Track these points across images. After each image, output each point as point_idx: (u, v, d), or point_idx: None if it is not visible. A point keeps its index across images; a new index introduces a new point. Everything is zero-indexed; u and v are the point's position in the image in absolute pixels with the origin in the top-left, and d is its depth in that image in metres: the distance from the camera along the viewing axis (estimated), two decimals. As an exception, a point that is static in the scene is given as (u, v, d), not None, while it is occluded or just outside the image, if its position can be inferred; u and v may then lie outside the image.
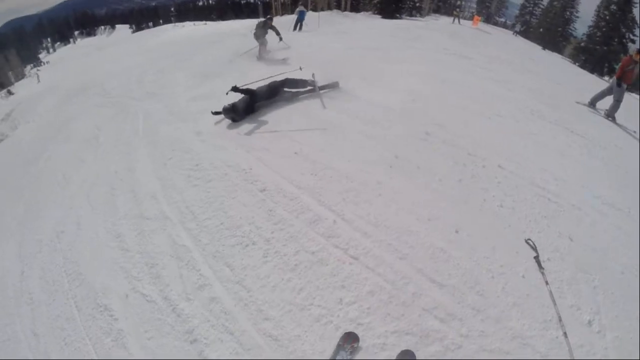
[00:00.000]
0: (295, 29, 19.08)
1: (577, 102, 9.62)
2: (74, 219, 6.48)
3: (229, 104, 7.32)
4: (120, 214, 5.98)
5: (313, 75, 8.33)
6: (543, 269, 4.07)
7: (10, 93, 38.73)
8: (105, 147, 8.71)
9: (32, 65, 44.50)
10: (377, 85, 8.25)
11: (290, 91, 8.04)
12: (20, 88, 39.28)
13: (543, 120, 7.43)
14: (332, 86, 8.48)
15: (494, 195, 5.03)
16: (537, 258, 4.18)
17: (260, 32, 12.61)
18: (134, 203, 6.06)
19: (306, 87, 8.22)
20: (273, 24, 12.60)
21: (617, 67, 10.29)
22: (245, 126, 7.17)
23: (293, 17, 20.21)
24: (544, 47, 31.11)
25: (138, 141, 8.15)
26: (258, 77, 7.78)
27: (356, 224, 4.52)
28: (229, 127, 7.26)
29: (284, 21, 31.99)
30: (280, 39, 12.22)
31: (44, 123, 16.74)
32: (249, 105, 7.43)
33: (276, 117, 7.41)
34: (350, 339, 3.42)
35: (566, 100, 9.50)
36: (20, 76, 42.23)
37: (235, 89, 7.12)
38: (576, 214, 4.98)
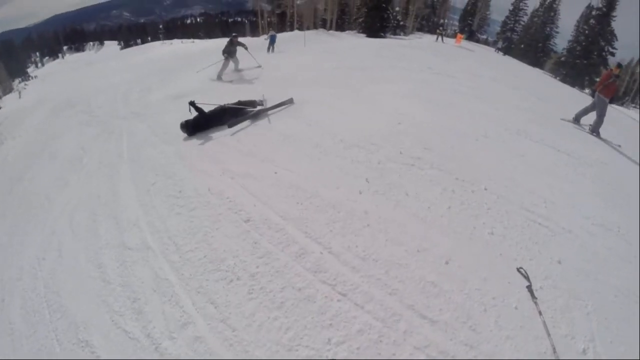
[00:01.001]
0: (268, 51, 20.57)
1: (562, 119, 9.64)
2: (55, 245, 6.32)
3: (184, 121, 8.17)
4: (102, 242, 5.82)
5: (263, 96, 9.25)
6: (536, 298, 3.96)
7: (-4, 107, 38.40)
8: (89, 169, 8.57)
9: (20, 79, 44.27)
10: (362, 106, 8.19)
11: (246, 111, 8.57)
12: (8, 102, 39.05)
13: (529, 139, 7.40)
14: (286, 103, 8.83)
15: (484, 223, 4.92)
16: (529, 287, 4.08)
17: (229, 50, 13.05)
18: (116, 231, 5.91)
19: (255, 107, 8.81)
20: (239, 40, 13.23)
21: (597, 80, 10.40)
22: (230, 150, 7.11)
23: (265, 40, 22.88)
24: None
25: (122, 163, 8.02)
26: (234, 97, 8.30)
27: (344, 258, 4.38)
28: (213, 151, 7.17)
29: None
30: (246, 47, 13.21)
31: (30, 140, 16.51)
32: (199, 124, 8.22)
33: (256, 139, 7.38)
34: None
35: (551, 117, 9.56)
36: (8, 90, 41.91)
37: (192, 103, 8.10)
38: (566, 237, 4.90)
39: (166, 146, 8.00)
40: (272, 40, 21.58)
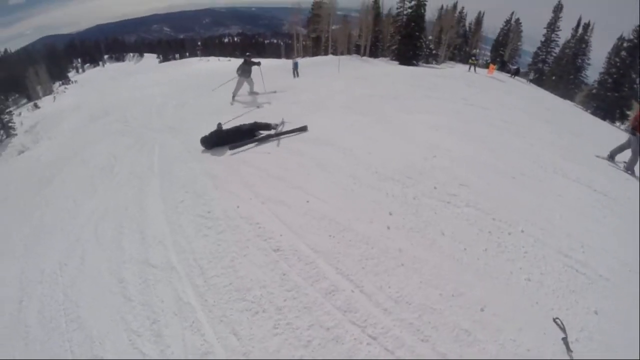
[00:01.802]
0: (294, 76, 21.98)
1: (597, 156, 9.28)
2: (79, 252, 6.30)
3: (204, 136, 8.67)
4: (125, 255, 5.74)
5: (282, 119, 9.38)
6: (571, 351, 3.67)
7: (36, 107, 39.78)
8: (119, 179, 8.64)
9: (60, 82, 45.90)
10: (396, 136, 8.01)
11: (261, 133, 8.79)
12: (47, 103, 40.41)
13: (565, 178, 7.08)
14: (299, 130, 8.84)
15: (520, 268, 4.62)
16: (565, 339, 3.78)
17: (244, 69, 13.04)
18: (141, 246, 5.82)
19: (270, 130, 8.92)
20: (252, 60, 13.17)
21: (629, 113, 10.03)
22: (260, 173, 6.98)
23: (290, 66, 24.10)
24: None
25: (152, 177, 8.02)
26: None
27: (376, 298, 4.15)
28: (244, 173, 7.06)
29: (304, 62, 32.65)
30: (259, 63, 13.16)
31: (64, 142, 17.00)
32: (215, 141, 8.60)
33: (288, 164, 7.25)
34: None
35: (586, 154, 9.17)
36: (48, 92, 43.49)
37: (219, 126, 8.82)
38: (603, 285, 4.57)
39: (197, 164, 7.96)
40: (296, 67, 23.44)
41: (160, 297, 4.75)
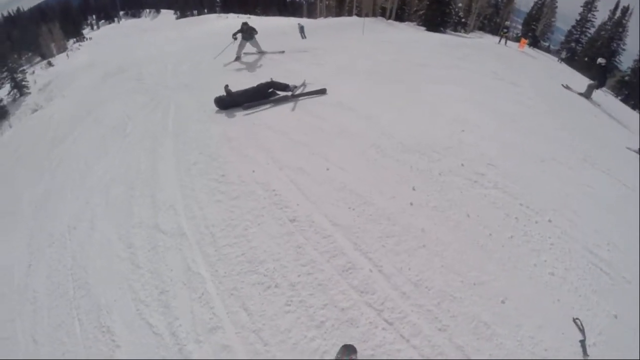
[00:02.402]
0: (302, 38, 22.00)
1: (628, 148, 8.76)
2: (88, 215, 6.16)
3: (217, 96, 8.28)
4: (135, 220, 5.56)
5: (304, 81, 8.89)
6: (588, 355, 3.46)
7: (50, 65, 39.57)
8: (132, 139, 8.39)
9: (74, 39, 45.41)
10: (423, 107, 7.53)
11: (278, 94, 8.50)
12: (61, 61, 40.15)
13: (595, 168, 6.62)
14: (318, 93, 8.44)
15: (545, 260, 4.30)
16: (582, 342, 3.55)
17: (245, 33, 12.41)
18: (152, 210, 5.61)
19: (288, 90, 8.51)
20: (252, 27, 12.48)
21: None
22: (280, 137, 6.63)
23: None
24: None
25: (166, 137, 7.73)
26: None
27: (395, 280, 3.89)
28: (262, 136, 6.72)
29: (327, 23, 31.64)
30: (257, 33, 12.52)
31: (77, 100, 16.78)
32: (229, 101, 8.24)
33: (309, 128, 6.86)
34: (348, 352, 3.22)
35: (617, 145, 8.65)
36: (62, 49, 43.12)
37: (226, 87, 8.30)
38: (625, 288, 4.27)
39: (213, 124, 7.63)
40: (302, 30, 23.11)
41: (170, 266, 4.57)
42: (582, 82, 16.33)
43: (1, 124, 29.55)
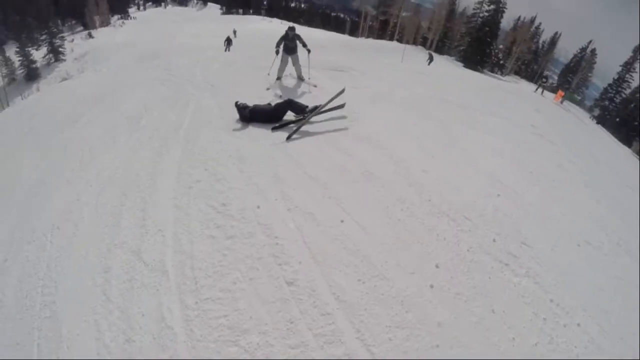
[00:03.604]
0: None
1: None
2: (75, 216, 5.70)
3: (242, 103, 7.80)
4: (119, 237, 5.01)
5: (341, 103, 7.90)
6: None
7: (90, 36, 40.06)
8: (142, 134, 7.94)
9: (119, 16, 46.01)
10: (457, 157, 6.79)
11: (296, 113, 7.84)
12: (102, 35, 40.58)
13: (629, 255, 5.80)
14: (337, 108, 7.82)
15: None
16: None
17: (286, 47, 10.03)
18: (138, 230, 5.04)
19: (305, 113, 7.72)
20: (299, 34, 10.00)
21: None
22: (295, 168, 5.96)
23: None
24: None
25: (175, 141, 7.20)
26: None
27: (397, 391, 3.16)
28: (276, 163, 6.06)
29: (368, 44, 31.16)
30: (309, 51, 9.93)
31: (105, 78, 16.68)
32: (246, 115, 7.71)
33: (329, 163, 6.17)
34: None
35: None
36: (105, 23, 43.70)
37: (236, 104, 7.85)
38: None
39: (228, 136, 7.09)
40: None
41: (142, 309, 3.94)
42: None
43: (30, 86, 29.77)
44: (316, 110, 7.59)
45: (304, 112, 7.69)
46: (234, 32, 34.74)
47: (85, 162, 7.39)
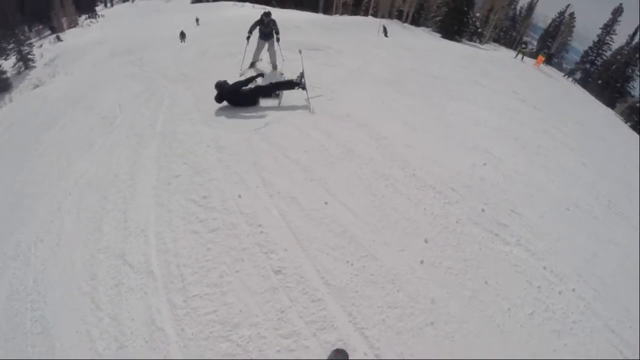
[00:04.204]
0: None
1: None
2: (57, 225, 5.55)
3: (222, 81, 7.60)
4: (102, 242, 4.86)
5: (302, 74, 7.75)
6: None
7: (59, 39, 39.08)
8: (118, 134, 7.69)
9: (87, 16, 44.88)
10: (441, 129, 6.74)
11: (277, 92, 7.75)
12: (70, 36, 39.60)
13: (620, 217, 5.92)
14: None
15: (566, 344, 3.56)
16: None
17: (261, 32, 9.52)
18: (121, 232, 4.91)
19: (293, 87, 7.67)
20: (274, 21, 9.38)
21: None
22: (276, 153, 5.83)
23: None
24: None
25: (152, 137, 6.99)
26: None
27: (395, 372, 3.12)
28: (257, 149, 5.92)
29: (343, 21, 30.77)
30: (278, 39, 9.46)
31: (77, 80, 16.33)
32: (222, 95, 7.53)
33: (310, 145, 6.03)
34: (340, 356, 3.00)
35: (638, 187, 7.87)
36: (73, 24, 42.62)
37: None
38: None
39: (205, 127, 6.88)
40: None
41: (132, 314, 3.85)
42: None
43: (2, 97, 29.04)
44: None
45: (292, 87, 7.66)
46: (197, 20, 34.20)
47: (63, 168, 7.18)
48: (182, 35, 24.42)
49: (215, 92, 7.65)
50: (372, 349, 3.22)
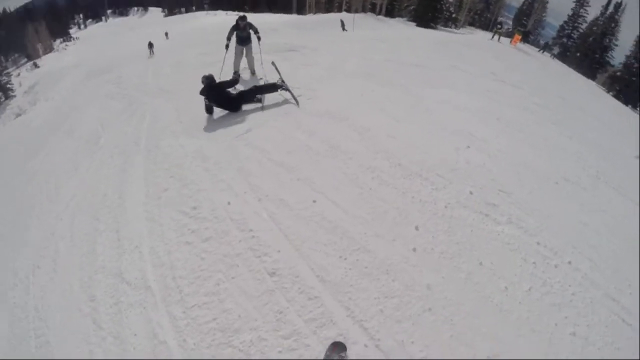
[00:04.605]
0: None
1: (637, 157, 8.09)
2: (52, 252, 5.57)
3: (210, 74, 7.44)
4: (98, 262, 4.90)
5: (281, 79, 7.89)
6: None
7: (36, 66, 38.80)
8: (103, 154, 7.73)
9: (61, 39, 44.61)
10: (422, 116, 6.79)
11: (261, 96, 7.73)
12: (47, 61, 39.31)
13: (609, 187, 6.00)
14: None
15: (566, 317, 3.60)
16: None
17: (239, 37, 9.26)
18: (115, 250, 4.95)
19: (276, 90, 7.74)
20: (251, 23, 9.15)
21: None
22: (261, 157, 5.84)
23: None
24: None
25: (137, 154, 7.03)
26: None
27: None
28: (241, 155, 5.95)
29: (317, 19, 30.75)
30: (259, 38, 9.17)
31: (57, 105, 16.34)
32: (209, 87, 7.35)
33: (293, 145, 6.06)
34: (338, 349, 3.05)
35: (624, 155, 7.97)
36: (49, 50, 42.32)
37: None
38: None
39: (188, 139, 6.89)
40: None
41: (133, 329, 3.90)
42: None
43: (-15, 129, 28.81)
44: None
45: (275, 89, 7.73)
46: (166, 34, 34.07)
47: (52, 194, 7.21)
48: (150, 45, 24.65)
49: (197, 93, 7.58)
50: (372, 340, 3.26)
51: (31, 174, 8.64)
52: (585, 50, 38.94)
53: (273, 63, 8.10)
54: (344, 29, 23.83)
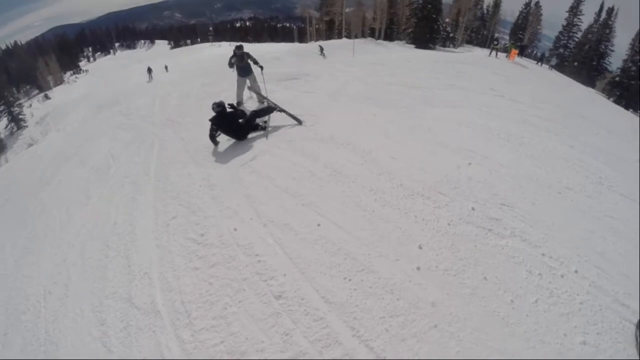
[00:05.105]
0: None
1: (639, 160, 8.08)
2: (63, 278, 5.68)
3: (221, 101, 7.73)
4: (109, 288, 5.00)
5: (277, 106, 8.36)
6: None
7: (47, 98, 39.71)
8: (113, 183, 7.95)
9: (71, 72, 45.83)
10: (423, 135, 6.93)
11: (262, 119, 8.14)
12: (58, 93, 40.22)
13: (613, 192, 5.96)
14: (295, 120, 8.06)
15: (575, 326, 3.58)
16: None
17: (239, 67, 9.58)
18: (125, 276, 5.05)
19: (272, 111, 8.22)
20: (249, 53, 9.50)
21: None
22: (265, 183, 6.00)
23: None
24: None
25: (146, 183, 7.23)
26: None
27: (402, 378, 3.19)
28: (247, 182, 6.11)
29: (314, 48, 31.34)
30: (261, 67, 9.44)
31: (68, 136, 16.58)
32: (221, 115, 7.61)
33: (297, 171, 6.19)
34: None
35: (627, 158, 7.92)
36: (59, 82, 43.43)
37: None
38: None
39: (195, 168, 7.09)
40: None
41: (143, 353, 3.95)
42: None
43: (-1, 158, 29.41)
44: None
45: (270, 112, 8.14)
46: (165, 67, 34.82)
47: (64, 222, 7.38)
48: (149, 70, 27.00)
49: (204, 121, 7.91)
50: (378, 358, 3.29)
51: (44, 204, 8.82)
52: (582, 58, 39.22)
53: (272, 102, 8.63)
54: (322, 54, 24.33)
